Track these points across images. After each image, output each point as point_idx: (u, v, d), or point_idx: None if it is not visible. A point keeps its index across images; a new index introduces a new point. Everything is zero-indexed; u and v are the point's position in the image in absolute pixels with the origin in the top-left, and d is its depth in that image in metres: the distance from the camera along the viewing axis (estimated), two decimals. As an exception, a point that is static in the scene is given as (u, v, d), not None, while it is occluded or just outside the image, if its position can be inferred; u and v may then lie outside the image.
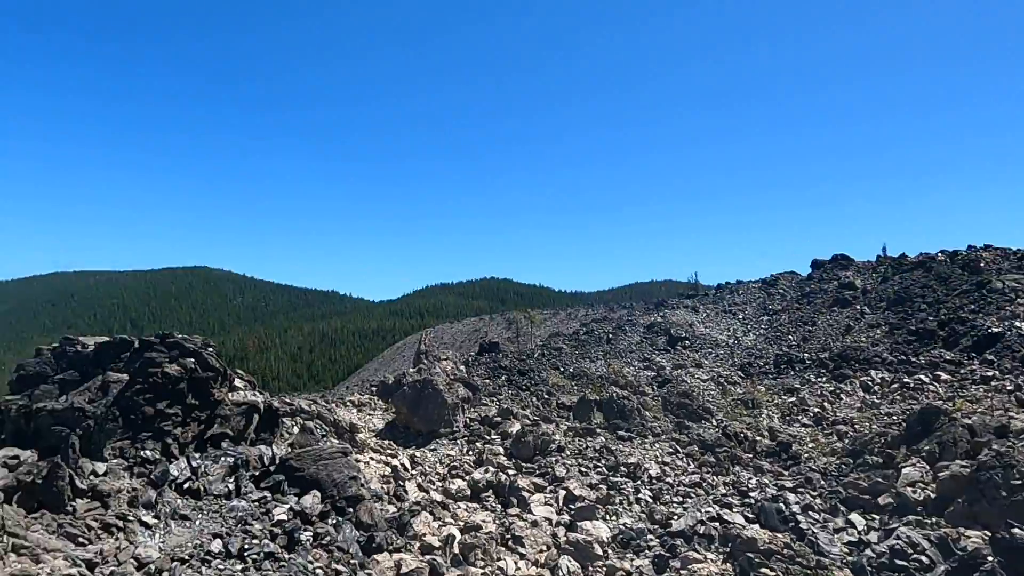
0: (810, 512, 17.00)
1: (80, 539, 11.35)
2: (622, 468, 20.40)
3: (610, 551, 15.87)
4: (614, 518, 17.56)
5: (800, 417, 25.29)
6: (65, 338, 17.46)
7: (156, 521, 12.53)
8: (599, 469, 20.40)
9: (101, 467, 13.43)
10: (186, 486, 13.94)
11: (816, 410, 25.45)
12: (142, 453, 14.26)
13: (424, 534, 15.08)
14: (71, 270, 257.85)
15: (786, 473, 20.29)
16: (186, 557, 11.53)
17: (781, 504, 17.21)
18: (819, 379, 28.58)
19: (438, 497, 17.84)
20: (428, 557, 13.70)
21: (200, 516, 13.23)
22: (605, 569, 14.91)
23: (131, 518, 12.29)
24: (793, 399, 27.05)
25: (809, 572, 13.91)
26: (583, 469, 20.27)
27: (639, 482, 19.64)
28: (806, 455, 21.48)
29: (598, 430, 23.66)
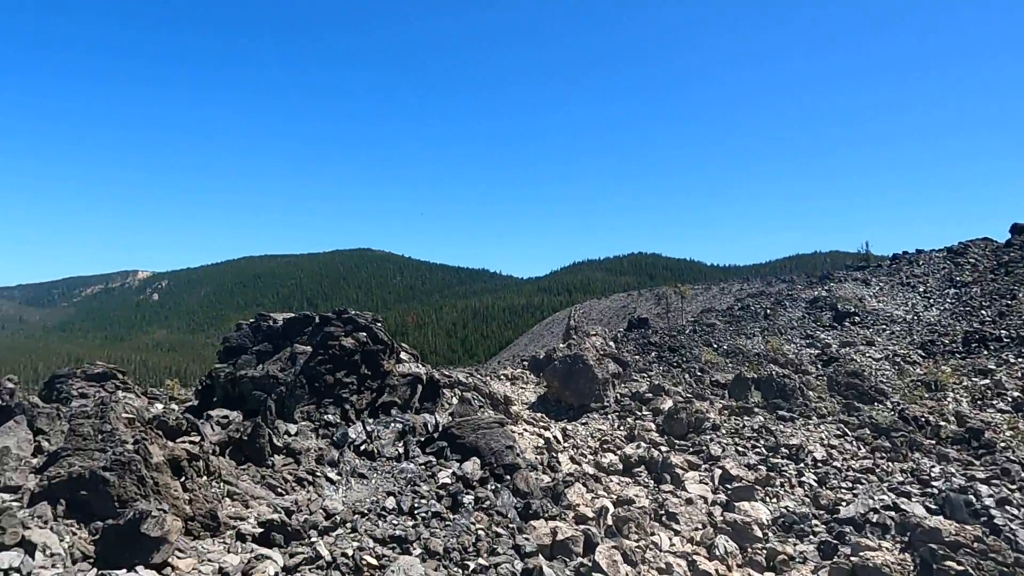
0: (1007, 506, 15.22)
1: (279, 489, 13.00)
2: (783, 449, 19.47)
3: (771, 534, 15.30)
4: (775, 500, 16.86)
5: (995, 401, 22.50)
6: (259, 314, 19.82)
7: (339, 478, 14.02)
8: (757, 449, 19.61)
9: (293, 428, 15.21)
10: (362, 448, 15.39)
11: (1016, 394, 22.50)
12: (325, 417, 15.93)
13: (578, 504, 15.46)
14: (257, 254, 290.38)
15: (977, 463, 18.25)
16: (365, 511, 12.81)
17: (971, 496, 15.57)
18: (1019, 360, 25.20)
19: (590, 470, 18.15)
20: (582, 527, 14.04)
21: (375, 475, 14.58)
22: (766, 552, 14.42)
23: (319, 474, 13.86)
24: (986, 381, 24.10)
25: (1006, 570, 12.49)
26: (740, 449, 19.61)
27: (802, 465, 18.64)
28: (1002, 444, 19.14)
29: (756, 409, 22.67)
